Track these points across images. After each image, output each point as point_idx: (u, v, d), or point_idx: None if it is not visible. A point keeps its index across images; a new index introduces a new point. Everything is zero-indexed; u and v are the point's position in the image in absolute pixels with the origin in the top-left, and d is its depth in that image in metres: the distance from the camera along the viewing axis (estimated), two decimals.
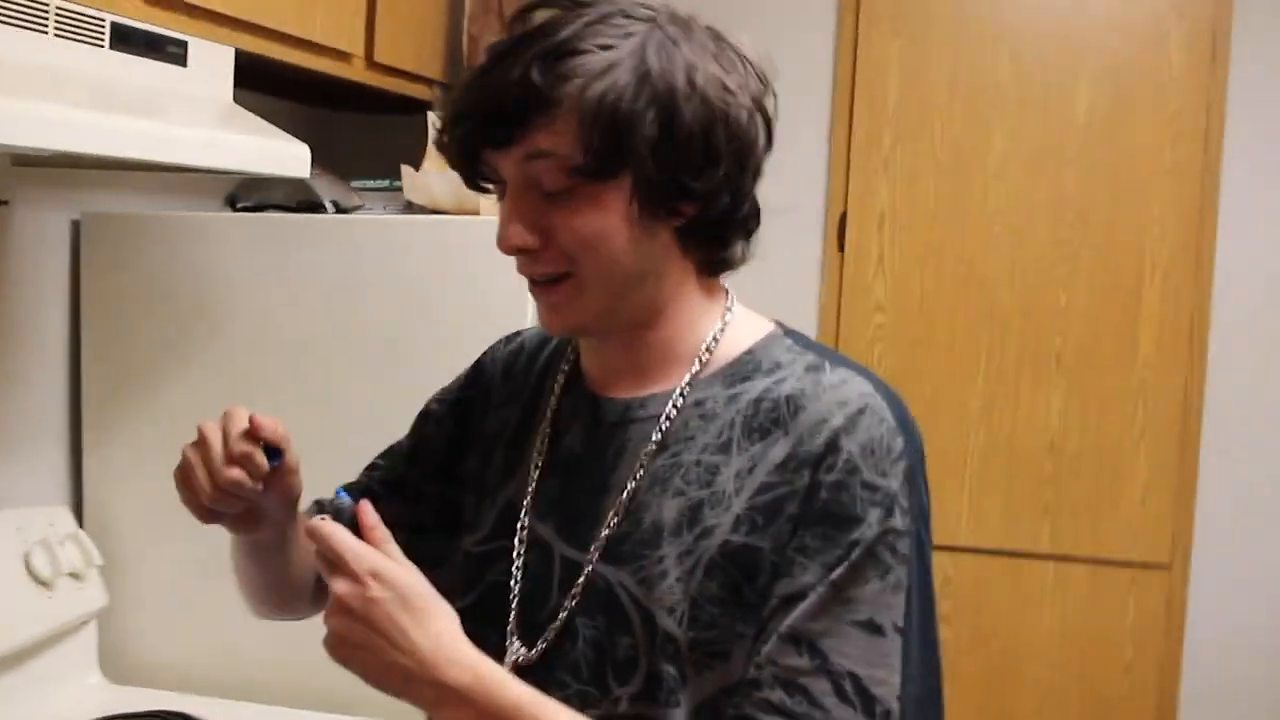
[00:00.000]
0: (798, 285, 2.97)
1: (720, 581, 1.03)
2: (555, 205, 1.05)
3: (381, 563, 0.99)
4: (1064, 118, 2.89)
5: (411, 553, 1.03)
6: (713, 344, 1.12)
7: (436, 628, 0.99)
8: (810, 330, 2.95)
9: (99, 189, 2.11)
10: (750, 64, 1.08)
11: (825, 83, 2.99)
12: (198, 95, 1.71)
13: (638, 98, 1.01)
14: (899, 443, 1.04)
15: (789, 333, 1.15)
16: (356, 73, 2.19)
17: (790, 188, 2.94)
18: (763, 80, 1.08)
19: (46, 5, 1.46)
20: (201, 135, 1.63)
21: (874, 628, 1.00)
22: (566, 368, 1.20)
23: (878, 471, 1.02)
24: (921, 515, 1.05)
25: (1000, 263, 2.91)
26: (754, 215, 1.11)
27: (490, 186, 1.11)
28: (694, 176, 1.03)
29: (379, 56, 2.21)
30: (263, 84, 2.13)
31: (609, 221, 1.04)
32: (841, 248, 2.96)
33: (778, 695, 0.99)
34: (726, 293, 1.16)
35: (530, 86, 1.01)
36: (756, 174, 1.09)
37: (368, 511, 1.04)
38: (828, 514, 1.01)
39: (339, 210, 2.19)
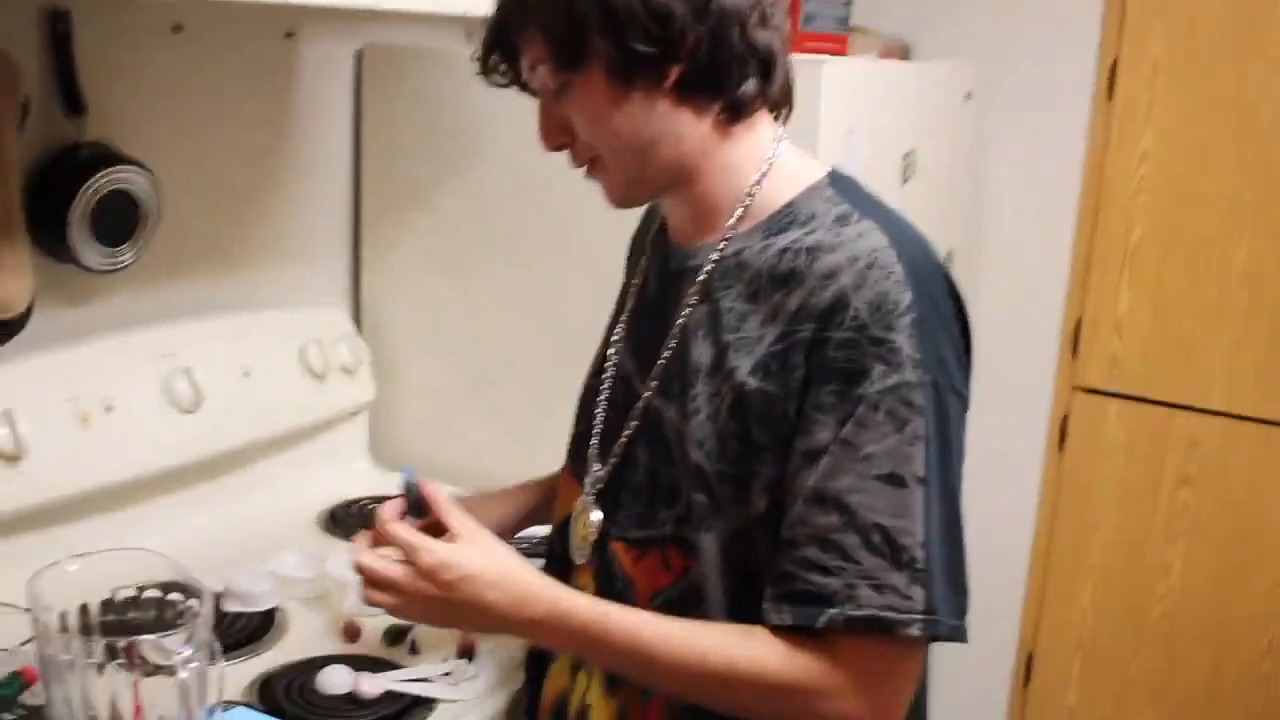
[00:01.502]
0: (1064, 134, 2.88)
1: (740, 422, 1.12)
2: (563, 103, 1.16)
3: (442, 554, 1.16)
4: None
5: None
6: (749, 196, 1.18)
7: (496, 577, 1.16)
8: (1073, 180, 2.89)
9: (380, 23, 2.28)
10: None
11: None
12: None
13: None
14: (906, 296, 1.07)
15: (835, 182, 1.19)
16: None
17: (1063, 35, 2.84)
18: None
19: None
20: None
21: (896, 480, 1.06)
22: (658, 223, 1.32)
23: (884, 326, 1.06)
24: (940, 366, 1.08)
25: None
26: (752, 54, 1.14)
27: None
28: (649, 41, 1.09)
29: None
30: None
31: (600, 103, 1.13)
32: (1111, 96, 2.85)
33: (813, 552, 1.07)
34: (776, 142, 1.21)
35: (502, 8, 1.18)
36: (739, 16, 1.12)
37: (428, 486, 1.26)
38: (838, 370, 1.07)
39: None
